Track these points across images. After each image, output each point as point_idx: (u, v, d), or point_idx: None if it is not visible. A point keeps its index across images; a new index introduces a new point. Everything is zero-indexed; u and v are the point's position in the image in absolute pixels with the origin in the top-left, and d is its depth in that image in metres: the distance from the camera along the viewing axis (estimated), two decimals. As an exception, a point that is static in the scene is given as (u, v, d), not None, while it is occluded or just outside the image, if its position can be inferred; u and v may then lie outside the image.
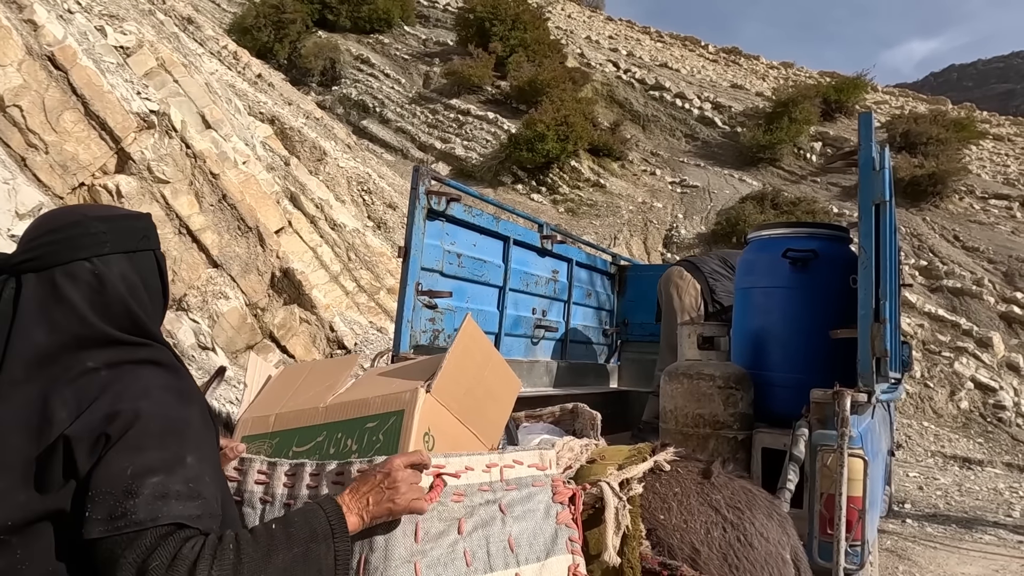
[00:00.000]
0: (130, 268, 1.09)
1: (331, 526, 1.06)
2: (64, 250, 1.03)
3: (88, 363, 1.00)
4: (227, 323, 6.80)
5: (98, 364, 1.00)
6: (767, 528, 1.60)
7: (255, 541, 0.97)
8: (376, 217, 10.53)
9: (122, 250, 1.08)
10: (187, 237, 6.95)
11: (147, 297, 1.11)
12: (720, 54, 27.87)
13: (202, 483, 0.99)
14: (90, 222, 1.07)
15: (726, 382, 2.69)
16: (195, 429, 1.03)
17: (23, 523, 0.93)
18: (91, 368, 1.00)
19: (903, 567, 4.74)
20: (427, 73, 20.29)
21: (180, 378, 1.08)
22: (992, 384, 10.92)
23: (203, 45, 11.92)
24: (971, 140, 18.66)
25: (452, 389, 1.47)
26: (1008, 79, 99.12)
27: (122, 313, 1.05)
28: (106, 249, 1.06)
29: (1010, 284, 12.89)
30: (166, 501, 0.93)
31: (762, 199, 15.34)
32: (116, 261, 1.07)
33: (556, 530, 1.44)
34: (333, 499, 1.12)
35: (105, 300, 1.04)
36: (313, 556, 1.01)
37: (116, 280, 1.06)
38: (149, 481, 0.93)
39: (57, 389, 0.97)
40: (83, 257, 1.04)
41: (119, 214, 1.13)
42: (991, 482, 8.18)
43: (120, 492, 0.91)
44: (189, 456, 0.98)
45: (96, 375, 0.99)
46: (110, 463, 0.93)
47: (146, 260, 1.13)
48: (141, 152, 6.80)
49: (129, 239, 1.10)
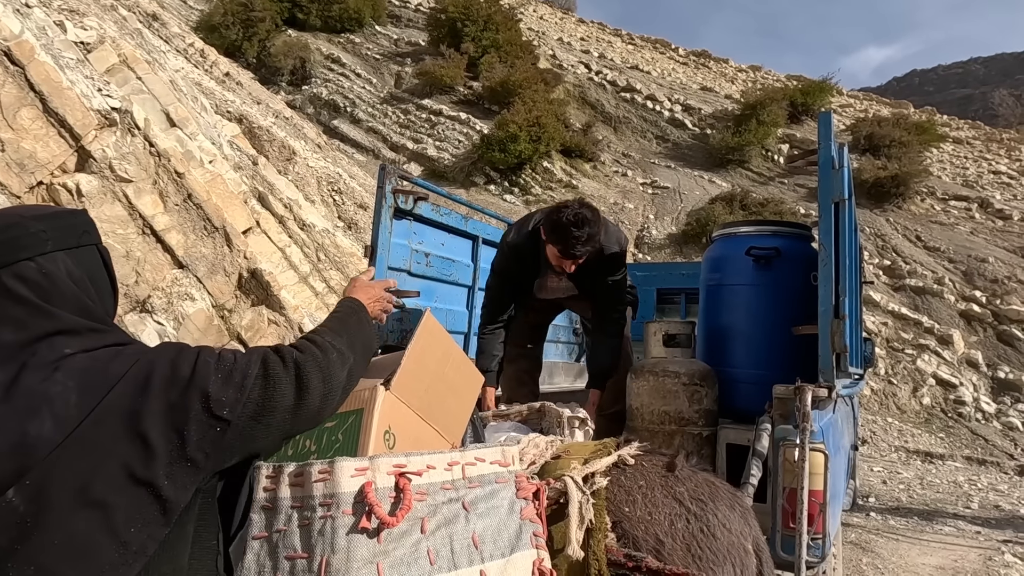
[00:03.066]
0: (74, 264, 1.08)
1: (360, 305, 1.48)
2: (6, 252, 1.02)
3: (65, 350, 0.99)
4: (193, 325, 6.67)
5: (75, 350, 1.00)
6: (729, 519, 1.62)
7: (323, 329, 1.32)
8: (347, 218, 10.43)
9: (64, 247, 1.07)
10: (151, 237, 6.80)
11: (96, 291, 1.11)
12: (690, 57, 28.24)
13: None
14: (27, 222, 1.05)
15: (691, 379, 2.72)
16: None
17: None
18: (69, 354, 0.99)
19: (867, 559, 4.84)
20: (399, 73, 20.18)
21: None
22: (953, 380, 11.23)
23: (168, 42, 11.70)
24: (932, 143, 19.19)
25: (412, 386, 1.45)
26: (967, 84, 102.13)
27: (78, 306, 1.05)
28: (48, 247, 1.05)
29: (969, 283, 13.28)
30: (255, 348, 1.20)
31: (731, 200, 15.57)
32: (60, 258, 1.06)
33: (520, 526, 1.44)
34: (349, 296, 1.52)
35: (60, 295, 1.03)
36: (365, 319, 1.45)
37: (64, 276, 1.05)
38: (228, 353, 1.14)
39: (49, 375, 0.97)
40: (26, 257, 1.02)
41: (55, 212, 1.11)
42: (951, 475, 8.41)
43: (235, 382, 1.08)
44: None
45: (77, 357, 0.99)
46: (202, 372, 1.05)
47: (89, 255, 1.12)
48: (102, 150, 6.64)
49: (70, 236, 1.09)
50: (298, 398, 1.16)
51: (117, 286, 1.18)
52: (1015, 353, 11.79)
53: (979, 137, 22.01)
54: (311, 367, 1.18)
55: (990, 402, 10.94)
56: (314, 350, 1.21)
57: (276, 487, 1.28)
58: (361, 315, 1.43)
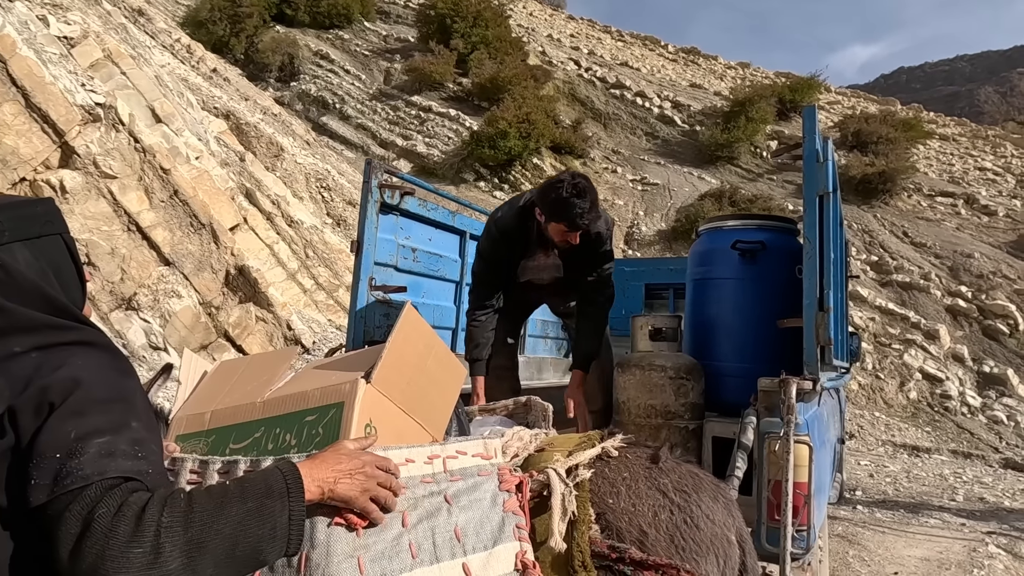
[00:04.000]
0: (35, 255, 1.05)
1: (287, 486, 1.03)
2: None
3: (15, 348, 0.95)
4: (180, 322, 6.63)
5: (26, 348, 0.95)
6: (713, 510, 1.62)
7: (208, 493, 0.95)
8: (335, 214, 10.39)
9: (23, 237, 1.04)
10: (136, 234, 6.75)
11: (60, 282, 1.07)
12: (679, 54, 28.29)
13: (149, 448, 0.95)
14: None
15: (677, 372, 2.72)
16: (140, 400, 1.00)
17: None
18: (18, 352, 0.94)
19: (853, 551, 4.87)
20: (388, 70, 20.10)
21: (117, 358, 1.03)
22: (939, 375, 11.34)
23: (154, 38, 11.59)
24: (919, 140, 19.34)
25: (394, 379, 1.44)
26: (953, 81, 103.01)
27: (39, 299, 1.01)
28: (5, 238, 1.02)
29: (955, 278, 13.40)
30: (113, 458, 0.89)
31: (720, 196, 15.63)
32: (18, 249, 1.03)
33: (503, 518, 1.43)
34: (292, 462, 1.10)
35: (17, 288, 0.99)
36: (267, 512, 0.98)
37: (23, 268, 1.02)
38: (95, 441, 0.89)
39: None
40: None
41: (16, 202, 1.08)
42: (937, 468, 8.49)
43: (64, 454, 0.88)
44: (134, 422, 0.95)
45: (26, 357, 0.94)
46: (53, 429, 0.89)
47: (53, 245, 1.08)
48: (86, 146, 6.58)
49: (30, 226, 1.06)
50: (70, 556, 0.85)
51: (84, 275, 1.14)
52: (1000, 347, 11.91)
53: (965, 134, 22.21)
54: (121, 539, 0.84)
55: (975, 396, 11.05)
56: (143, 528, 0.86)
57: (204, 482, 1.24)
58: (265, 504, 0.98)
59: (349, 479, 1.11)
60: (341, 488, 1.11)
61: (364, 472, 1.14)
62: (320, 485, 1.08)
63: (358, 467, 1.13)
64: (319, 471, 1.09)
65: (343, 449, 1.16)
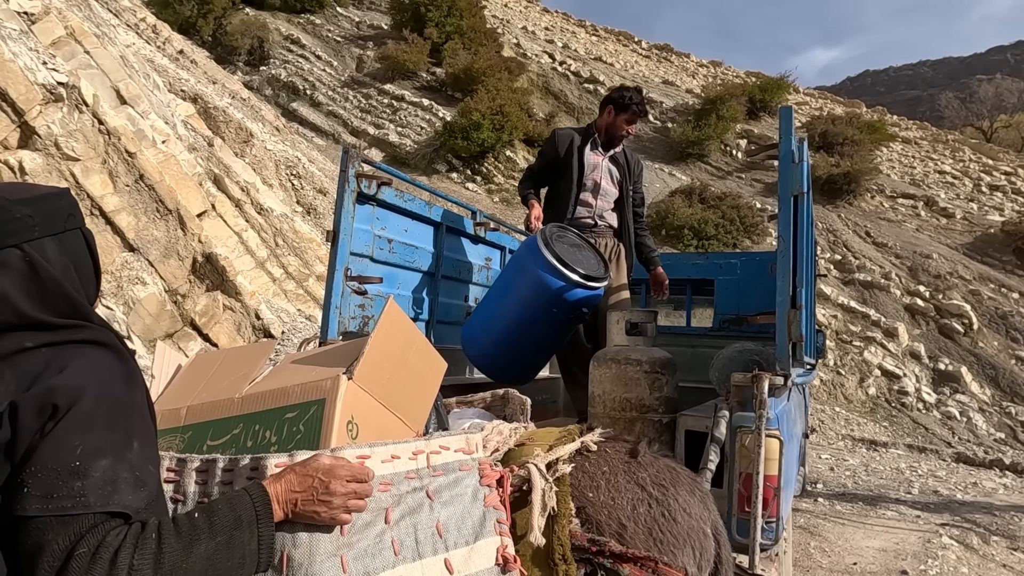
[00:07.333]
0: (60, 250, 1.03)
1: (256, 513, 1.04)
2: None
3: (27, 343, 0.95)
4: (144, 310, 6.47)
5: (37, 343, 0.95)
6: (690, 504, 1.65)
7: (177, 531, 0.95)
8: (305, 202, 10.23)
9: (51, 232, 1.02)
10: (100, 219, 6.56)
11: (80, 277, 1.06)
12: (652, 50, 28.47)
13: (147, 472, 0.96)
14: (13, 206, 0.99)
15: (652, 367, 2.76)
16: (141, 414, 1.00)
17: None
18: (30, 347, 0.94)
19: (815, 543, 5.01)
20: (360, 57, 19.83)
21: (124, 360, 1.03)
22: (897, 371, 11.69)
23: (118, 16, 11.23)
24: (882, 142, 19.83)
25: (375, 374, 1.43)
26: (916, 86, 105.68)
27: (59, 297, 1.00)
28: (36, 233, 1.00)
29: (914, 278, 13.80)
30: (116, 488, 0.90)
31: (690, 193, 15.82)
32: (47, 244, 1.01)
33: (484, 513, 1.44)
34: (261, 485, 1.10)
35: (40, 286, 0.98)
36: (236, 543, 0.99)
37: (48, 264, 1.00)
38: (99, 463, 0.90)
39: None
40: (12, 244, 0.97)
41: (40, 194, 1.05)
42: (894, 462, 8.76)
43: (66, 471, 0.88)
44: (135, 441, 0.96)
45: (36, 353, 0.94)
46: (57, 439, 0.88)
47: (74, 239, 1.07)
48: (47, 126, 6.36)
49: (56, 220, 1.04)
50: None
51: (100, 270, 1.13)
52: (954, 346, 12.32)
53: (926, 137, 22.83)
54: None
55: (931, 392, 11.43)
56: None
57: (232, 481, 1.23)
58: (235, 536, 0.99)
59: (313, 502, 1.11)
60: (307, 509, 1.11)
61: (330, 491, 1.13)
62: (284, 508, 1.10)
63: (323, 488, 1.12)
64: (284, 493, 1.10)
65: (316, 464, 1.14)
